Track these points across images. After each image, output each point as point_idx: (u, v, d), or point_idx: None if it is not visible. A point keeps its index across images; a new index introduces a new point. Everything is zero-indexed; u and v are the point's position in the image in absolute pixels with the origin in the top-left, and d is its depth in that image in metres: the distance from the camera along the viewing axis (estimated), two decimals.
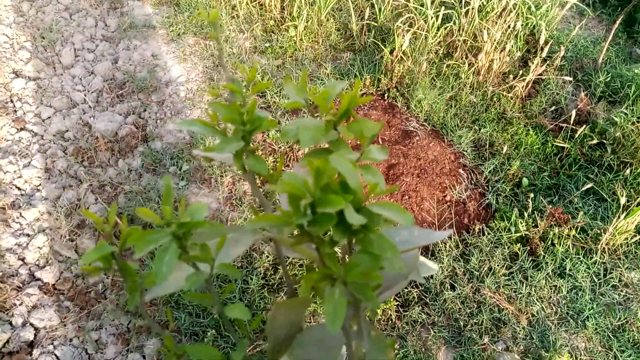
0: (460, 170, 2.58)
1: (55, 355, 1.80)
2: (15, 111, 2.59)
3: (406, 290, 2.11)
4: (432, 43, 3.00)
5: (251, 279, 2.03)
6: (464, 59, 3.04)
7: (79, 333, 1.88)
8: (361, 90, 2.93)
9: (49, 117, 2.61)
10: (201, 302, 0.62)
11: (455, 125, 2.77)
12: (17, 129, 2.51)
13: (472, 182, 2.54)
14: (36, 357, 1.79)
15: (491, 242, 2.26)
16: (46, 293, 1.97)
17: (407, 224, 0.46)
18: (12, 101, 2.63)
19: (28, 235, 2.12)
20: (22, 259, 2.05)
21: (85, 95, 2.74)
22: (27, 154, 2.42)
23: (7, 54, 2.86)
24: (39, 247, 2.09)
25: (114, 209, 0.56)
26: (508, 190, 2.48)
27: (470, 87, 2.94)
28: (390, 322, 2.04)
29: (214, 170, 2.45)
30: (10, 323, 1.86)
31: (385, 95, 2.94)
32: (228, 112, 0.58)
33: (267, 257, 2.11)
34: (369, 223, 0.46)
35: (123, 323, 1.94)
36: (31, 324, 1.87)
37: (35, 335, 1.85)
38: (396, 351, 1.95)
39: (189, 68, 3.00)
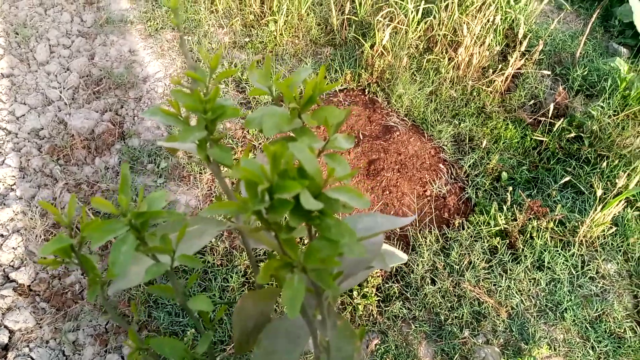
0: (441, 165, 2.59)
1: (31, 357, 1.77)
2: None
3: (387, 285, 2.11)
4: (412, 37, 3.00)
5: (231, 277, 2.02)
6: (444, 53, 3.04)
7: (56, 335, 1.84)
8: (341, 85, 2.92)
9: (23, 115, 2.55)
10: (163, 294, 0.61)
11: (435, 120, 2.78)
12: None
13: (452, 176, 2.55)
14: None
15: (471, 236, 2.27)
16: (21, 294, 1.93)
17: (363, 207, 0.45)
18: None
19: (2, 235, 2.08)
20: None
21: (60, 92, 2.68)
22: (0, 152, 2.37)
23: None
24: (13, 248, 2.05)
25: (73, 200, 0.55)
26: (487, 184, 2.49)
27: (450, 81, 2.94)
28: (371, 317, 2.04)
29: (193, 167, 2.42)
30: None
31: (366, 90, 2.93)
32: (189, 100, 0.57)
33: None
34: (326, 208, 0.45)
35: (101, 324, 1.90)
36: (5, 327, 1.83)
37: (9, 338, 1.81)
38: (377, 346, 1.95)
39: (167, 63, 2.96)
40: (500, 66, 2.95)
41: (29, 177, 2.30)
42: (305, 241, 2.08)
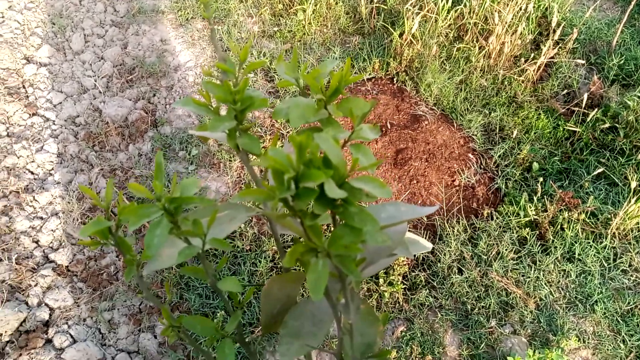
0: (470, 155, 2.57)
1: (70, 334, 1.85)
2: (27, 97, 2.62)
3: (414, 273, 2.12)
4: (442, 26, 2.97)
5: (260, 261, 2.06)
6: (474, 42, 3.00)
7: (92, 313, 1.92)
8: (369, 74, 2.91)
9: (60, 103, 2.64)
10: (195, 275, 0.64)
11: (465, 110, 2.75)
12: (30, 114, 2.55)
13: (482, 166, 2.53)
14: (52, 336, 1.83)
15: (500, 227, 2.25)
16: (60, 274, 2.01)
17: (386, 196, 0.47)
18: (24, 87, 2.67)
19: (41, 218, 2.17)
20: (37, 242, 2.10)
21: (95, 81, 2.76)
22: (39, 138, 2.46)
23: (18, 40, 2.89)
24: (52, 230, 2.13)
25: (110, 185, 0.58)
26: (518, 174, 2.46)
27: (480, 70, 2.90)
28: (397, 304, 2.05)
29: (223, 155, 2.46)
30: (27, 303, 1.90)
31: (394, 79, 2.92)
32: (219, 91, 0.59)
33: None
34: (350, 197, 0.47)
35: (135, 304, 1.97)
36: (46, 304, 1.91)
37: (50, 315, 1.90)
38: (403, 333, 1.97)
39: (198, 53, 3.01)
40: (532, 55, 2.89)
41: (66, 162, 2.39)
42: (331, 228, 2.10)
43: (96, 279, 2.02)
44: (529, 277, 2.10)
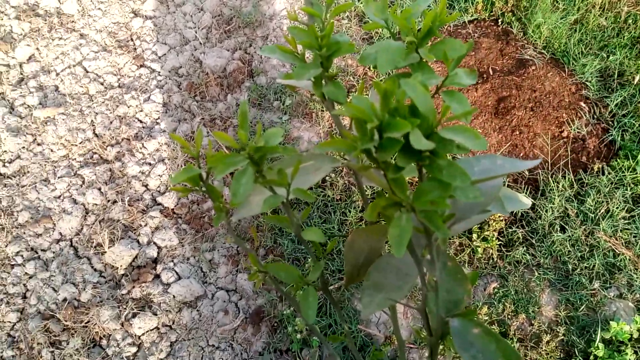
0: (582, 104, 2.35)
1: (175, 271, 2.01)
2: (135, 49, 2.78)
3: (511, 230, 2.02)
4: None
5: (349, 211, 2.07)
6: None
7: (195, 253, 2.07)
8: (471, 15, 2.72)
9: (164, 54, 2.77)
10: (279, 223, 0.65)
11: (578, 53, 2.49)
12: (137, 66, 2.71)
13: (595, 116, 2.30)
14: (159, 272, 2.01)
15: (611, 183, 2.06)
16: (166, 216, 2.18)
17: (480, 148, 0.43)
18: (132, 39, 2.83)
19: (150, 164, 2.34)
20: (146, 186, 2.27)
21: (195, 32, 2.85)
22: (146, 89, 2.62)
23: None
24: (159, 175, 2.30)
25: (200, 133, 0.59)
26: (637, 125, 2.21)
27: (600, 8, 2.59)
28: (491, 261, 1.98)
29: (315, 104, 2.47)
30: (138, 241, 2.09)
31: (499, 20, 2.70)
32: (305, 36, 0.57)
33: (366, 191, 2.12)
34: (439, 149, 0.43)
35: (233, 246, 2.09)
36: (154, 243, 2.09)
37: (158, 253, 2.07)
38: (496, 290, 1.91)
39: (292, 1, 2.98)
40: None
41: (171, 112, 2.53)
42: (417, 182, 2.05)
43: (198, 221, 2.16)
44: None
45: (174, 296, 1.94)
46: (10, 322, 1.90)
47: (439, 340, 0.63)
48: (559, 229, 2.00)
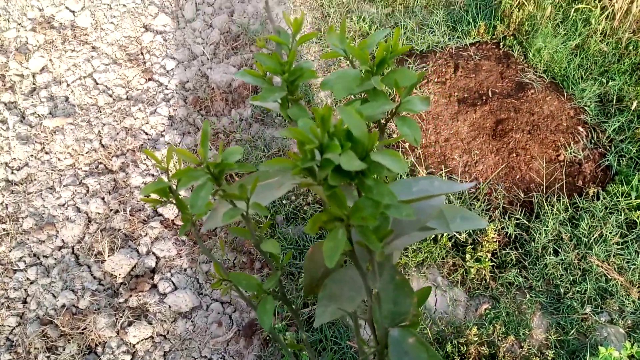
0: (580, 128, 2.37)
1: (172, 281, 2.06)
2: (144, 62, 2.86)
3: (504, 252, 2.04)
4: None
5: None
6: (596, 2, 2.70)
7: (192, 264, 2.11)
8: (473, 37, 2.76)
9: (172, 69, 2.84)
10: (241, 235, 0.69)
11: (578, 78, 2.52)
12: (146, 79, 2.78)
13: (592, 141, 2.32)
14: (157, 282, 2.06)
15: (606, 208, 2.07)
16: (166, 227, 2.23)
17: (400, 171, 0.47)
18: (142, 53, 2.91)
19: (153, 175, 2.39)
20: (147, 196, 2.32)
21: (204, 48, 2.93)
22: (153, 102, 2.69)
23: (138, 10, 3.14)
24: None
25: (170, 150, 0.64)
26: (634, 151, 2.23)
27: (601, 34, 2.62)
28: (484, 282, 2.00)
29: None
30: (137, 251, 2.14)
31: (501, 44, 2.74)
32: (269, 61, 0.62)
33: None
34: (370, 170, 0.47)
35: (230, 259, 2.13)
36: (153, 253, 2.14)
37: (156, 263, 2.12)
38: (487, 311, 1.92)
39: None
40: None
41: (176, 125, 2.59)
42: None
43: (196, 233, 2.20)
44: (635, 265, 1.92)
45: (169, 306, 1.98)
46: (9, 326, 1.95)
47: (384, 349, 0.67)
48: (552, 252, 2.01)
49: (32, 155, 2.44)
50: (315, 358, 1.04)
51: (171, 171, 0.64)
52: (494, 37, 2.75)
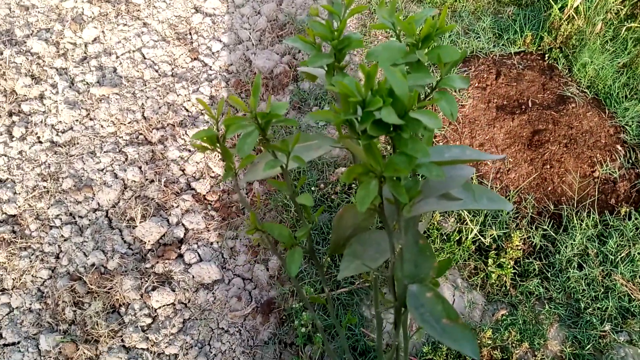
0: (618, 146, 2.33)
1: (198, 253, 2.12)
2: (192, 42, 2.94)
3: (527, 261, 2.03)
4: (613, 1, 2.67)
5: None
6: None
7: (219, 239, 2.17)
8: (519, 47, 2.75)
9: (218, 51, 2.92)
10: (278, 187, 0.73)
11: (622, 96, 2.48)
12: (192, 59, 2.87)
13: (630, 161, 2.29)
14: (183, 252, 2.12)
15: (637, 228, 2.04)
16: (197, 201, 2.29)
17: (435, 126, 0.49)
18: (190, 33, 2.99)
19: (189, 150, 2.47)
20: (183, 170, 2.40)
21: (250, 34, 2.99)
22: (197, 81, 2.76)
23: None
24: (196, 162, 2.42)
25: (221, 103, 0.68)
26: None
27: None
28: (504, 288, 2.00)
29: None
30: (167, 221, 2.21)
31: (546, 55, 2.72)
32: (321, 29, 0.65)
33: None
34: (408, 126, 0.50)
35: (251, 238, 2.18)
36: (182, 224, 2.20)
37: (184, 234, 2.19)
38: (504, 317, 1.92)
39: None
40: None
41: (216, 105, 2.66)
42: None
43: (226, 210, 2.26)
44: None
45: (193, 276, 2.04)
46: (41, 278, 2.04)
47: (402, 306, 0.70)
48: (576, 266, 2.00)
49: (77, 120, 2.55)
50: (328, 344, 1.07)
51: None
52: (539, 48, 2.73)
